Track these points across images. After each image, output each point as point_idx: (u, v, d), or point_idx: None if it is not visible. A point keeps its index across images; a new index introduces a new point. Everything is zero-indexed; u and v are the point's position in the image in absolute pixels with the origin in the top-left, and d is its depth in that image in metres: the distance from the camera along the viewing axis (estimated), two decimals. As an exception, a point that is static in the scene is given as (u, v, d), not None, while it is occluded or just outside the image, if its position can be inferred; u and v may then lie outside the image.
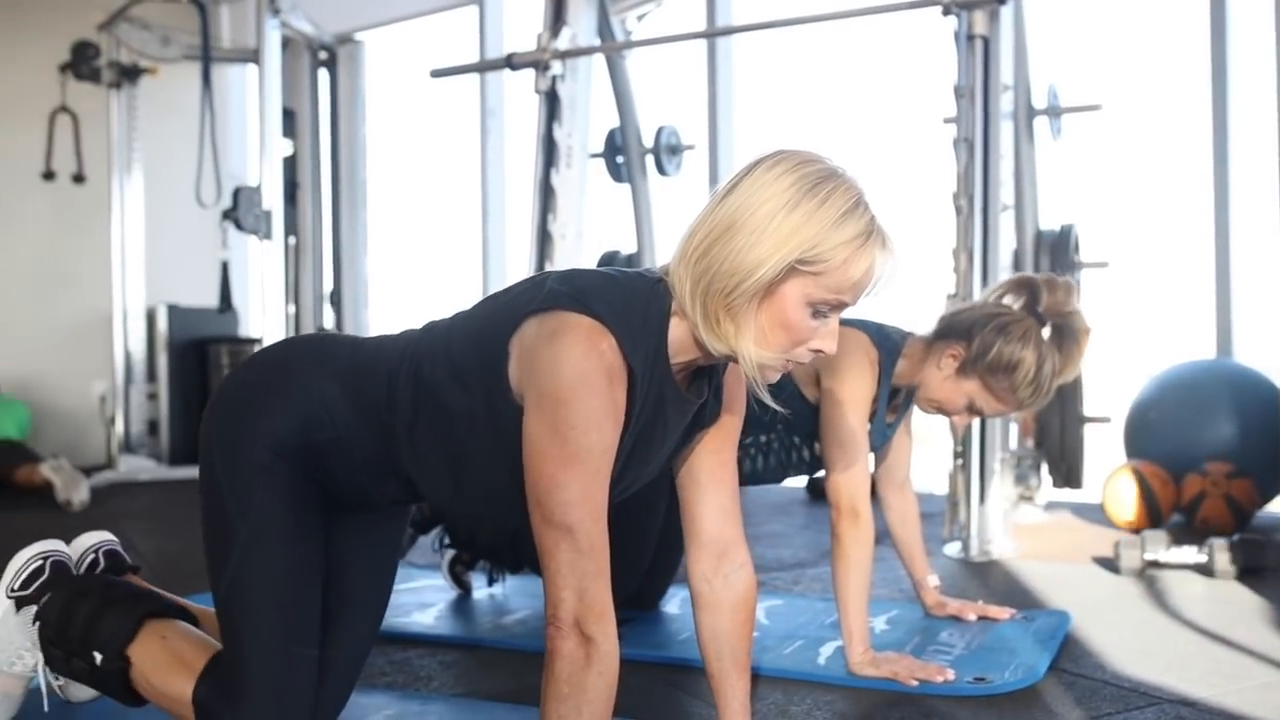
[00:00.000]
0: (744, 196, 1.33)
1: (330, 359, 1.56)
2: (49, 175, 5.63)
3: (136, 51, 5.44)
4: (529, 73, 4.35)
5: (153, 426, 5.97)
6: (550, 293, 1.37)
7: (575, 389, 1.29)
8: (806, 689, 2.05)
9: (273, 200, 5.08)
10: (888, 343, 2.25)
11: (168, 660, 1.59)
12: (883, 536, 2.51)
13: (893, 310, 2.16)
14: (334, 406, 1.51)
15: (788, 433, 2.34)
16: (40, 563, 1.73)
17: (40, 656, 1.70)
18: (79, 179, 5.69)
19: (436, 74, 4.51)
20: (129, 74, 5.67)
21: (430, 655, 2.31)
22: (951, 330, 2.24)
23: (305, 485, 1.55)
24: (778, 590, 2.86)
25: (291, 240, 5.75)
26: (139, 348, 5.90)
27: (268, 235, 5.06)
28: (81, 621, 1.63)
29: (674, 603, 2.65)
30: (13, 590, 1.73)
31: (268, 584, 1.53)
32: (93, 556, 1.82)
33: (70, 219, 6.31)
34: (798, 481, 4.74)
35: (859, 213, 1.33)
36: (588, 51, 4.33)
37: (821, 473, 2.26)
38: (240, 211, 4.97)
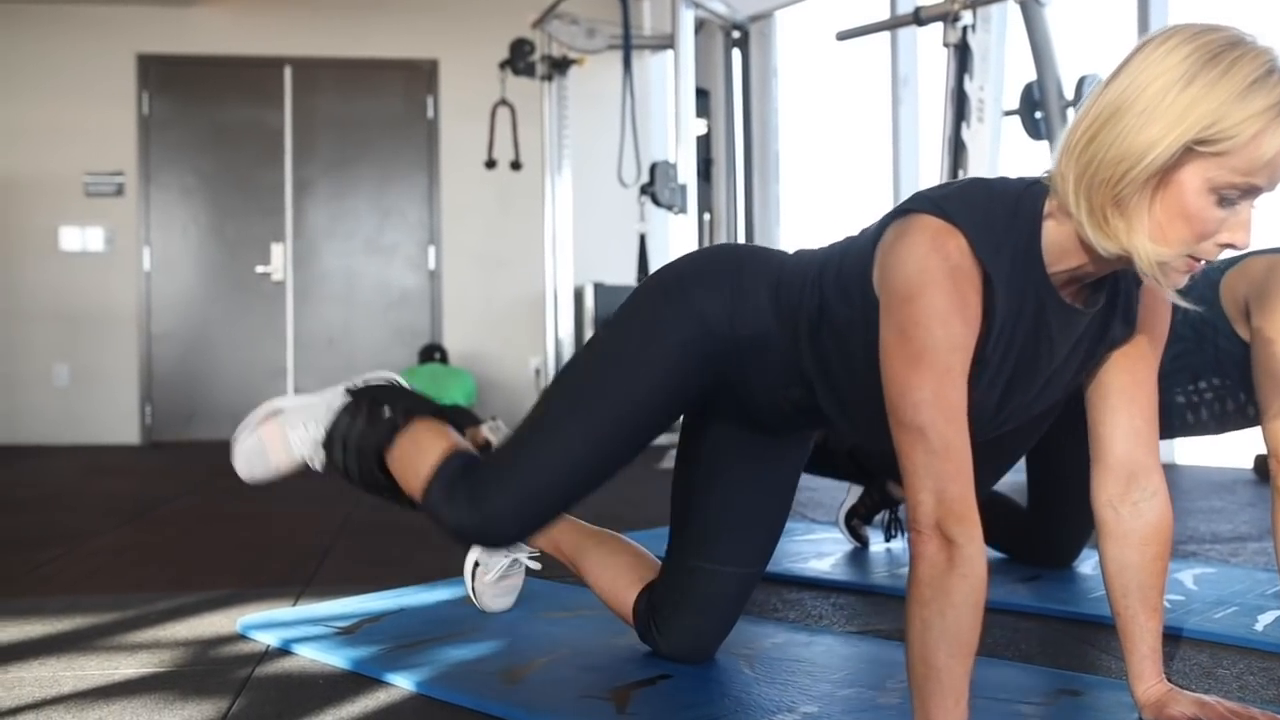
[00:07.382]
0: (1133, 76, 1.20)
1: (766, 267, 1.58)
2: (491, 164, 6.14)
3: (565, 45, 5.82)
4: (939, 30, 4.20)
5: (579, 398, 6.35)
6: (914, 198, 1.32)
7: (919, 287, 1.23)
8: (1238, 654, 1.82)
9: (687, 175, 5.25)
10: None
11: (434, 437, 1.69)
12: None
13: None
14: (761, 309, 1.53)
15: (1224, 379, 2.10)
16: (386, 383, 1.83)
17: (318, 432, 1.76)
18: (516, 166, 6.17)
19: (842, 36, 4.46)
20: (559, 66, 6.07)
21: (824, 598, 2.28)
22: None
23: (704, 381, 1.56)
24: (1211, 559, 2.58)
25: (706, 217, 5.92)
26: (568, 326, 6.30)
27: (682, 209, 5.24)
28: (386, 392, 1.76)
29: (1088, 564, 2.46)
30: (353, 387, 1.80)
31: (596, 410, 1.55)
32: None
33: (509, 204, 6.87)
34: (1242, 453, 4.30)
35: (1271, 82, 1.16)
36: (1000, -1, 4.11)
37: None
38: (657, 186, 5.18)
